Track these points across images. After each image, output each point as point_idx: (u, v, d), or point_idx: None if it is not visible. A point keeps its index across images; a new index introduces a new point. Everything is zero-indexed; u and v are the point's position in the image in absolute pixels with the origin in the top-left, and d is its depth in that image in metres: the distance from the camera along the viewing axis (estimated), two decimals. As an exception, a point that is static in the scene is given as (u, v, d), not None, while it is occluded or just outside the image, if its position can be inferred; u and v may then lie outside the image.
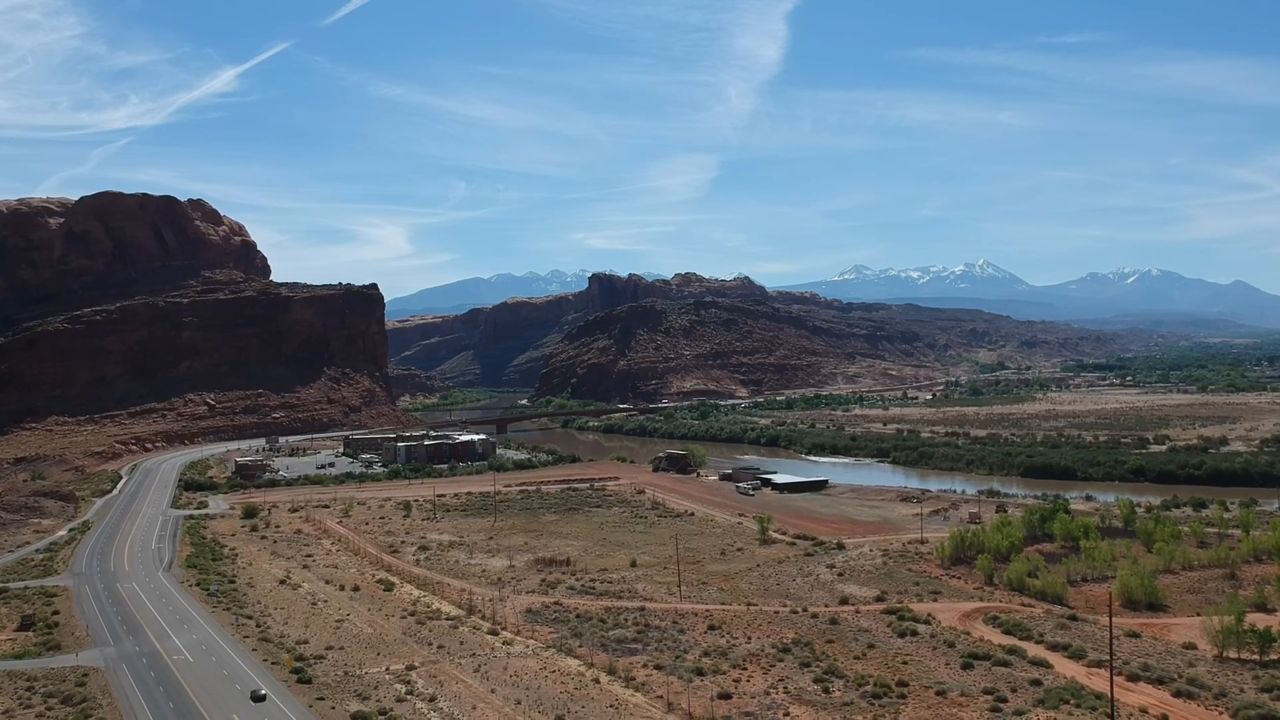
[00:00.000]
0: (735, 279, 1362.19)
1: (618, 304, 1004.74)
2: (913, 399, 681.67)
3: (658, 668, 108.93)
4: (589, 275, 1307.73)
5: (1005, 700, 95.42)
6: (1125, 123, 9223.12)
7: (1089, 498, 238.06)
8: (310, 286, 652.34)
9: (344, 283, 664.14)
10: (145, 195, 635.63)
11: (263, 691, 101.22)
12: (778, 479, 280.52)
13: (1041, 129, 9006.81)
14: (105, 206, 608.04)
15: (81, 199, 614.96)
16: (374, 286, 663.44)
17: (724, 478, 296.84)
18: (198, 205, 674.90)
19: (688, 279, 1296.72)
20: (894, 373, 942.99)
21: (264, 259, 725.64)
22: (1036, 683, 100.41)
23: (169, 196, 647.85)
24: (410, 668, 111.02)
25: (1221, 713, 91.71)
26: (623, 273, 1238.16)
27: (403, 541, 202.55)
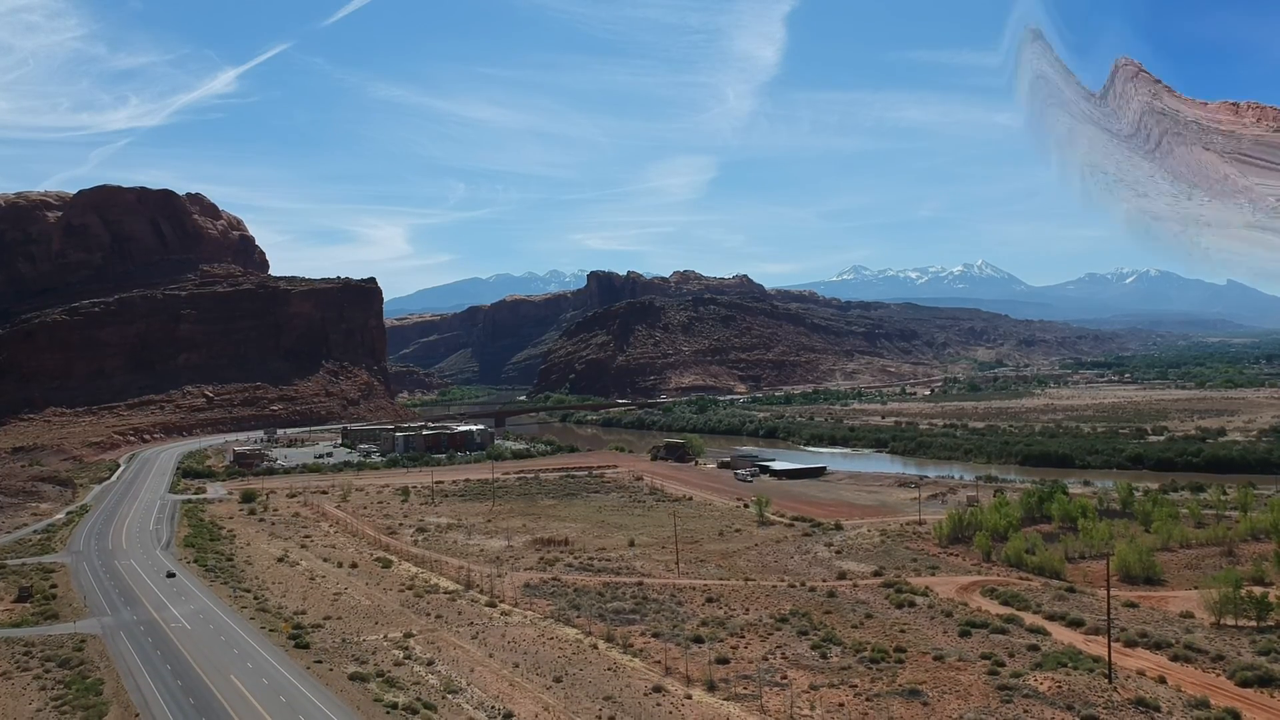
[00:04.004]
0: (734, 277, 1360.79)
1: (616, 301, 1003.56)
2: (911, 394, 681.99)
3: (655, 635, 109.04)
4: (588, 274, 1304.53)
5: (1003, 664, 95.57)
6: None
7: (1087, 483, 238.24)
8: (308, 280, 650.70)
9: (342, 276, 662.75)
10: (143, 189, 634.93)
11: (173, 571, 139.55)
12: (776, 466, 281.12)
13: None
14: (103, 200, 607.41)
15: (80, 193, 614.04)
16: (372, 280, 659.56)
17: (722, 465, 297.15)
18: (196, 199, 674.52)
19: (686, 276, 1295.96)
20: (892, 370, 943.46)
21: (262, 253, 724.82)
22: (1034, 648, 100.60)
23: (167, 190, 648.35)
24: (408, 635, 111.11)
25: (1219, 675, 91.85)
26: (622, 273, 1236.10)
27: (400, 524, 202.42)
